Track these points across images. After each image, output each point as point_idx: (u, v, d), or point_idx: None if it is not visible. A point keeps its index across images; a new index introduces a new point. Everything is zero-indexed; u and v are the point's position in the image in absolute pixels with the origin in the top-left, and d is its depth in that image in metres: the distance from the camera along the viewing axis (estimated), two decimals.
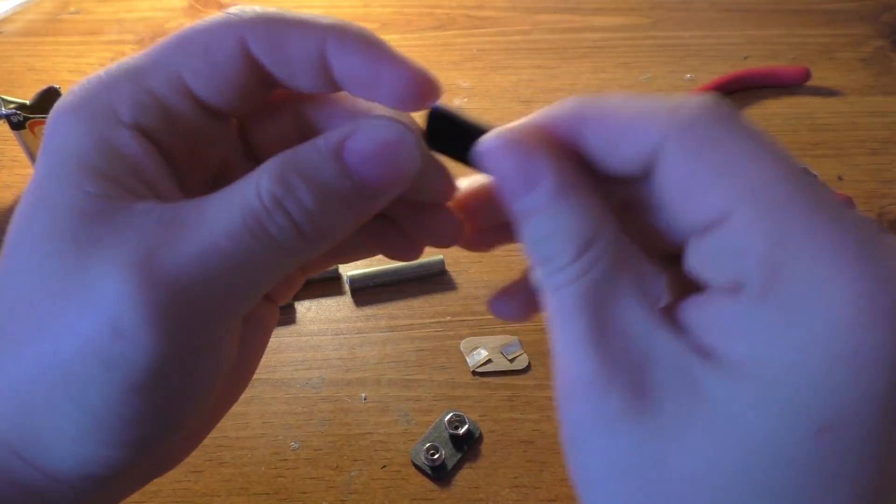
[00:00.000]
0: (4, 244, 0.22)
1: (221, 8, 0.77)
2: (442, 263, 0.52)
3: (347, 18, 0.22)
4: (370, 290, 0.52)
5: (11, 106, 0.53)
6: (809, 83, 0.68)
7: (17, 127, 0.53)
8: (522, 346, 0.48)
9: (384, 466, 0.42)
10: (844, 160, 0.62)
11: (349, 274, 0.52)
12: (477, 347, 0.48)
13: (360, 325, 0.50)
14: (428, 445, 0.43)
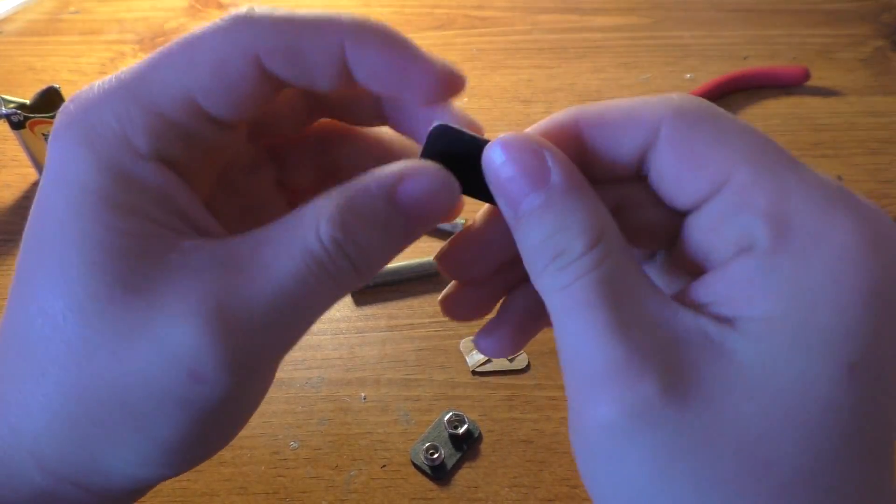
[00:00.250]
0: (17, 281, 0.21)
1: (221, 8, 0.77)
2: None
3: None
4: (370, 289, 0.52)
5: (11, 105, 0.53)
6: (809, 83, 0.68)
7: (17, 126, 0.53)
8: None
9: (384, 466, 0.43)
10: (844, 160, 0.62)
11: None
12: None
13: (359, 324, 0.50)
14: (427, 445, 0.43)
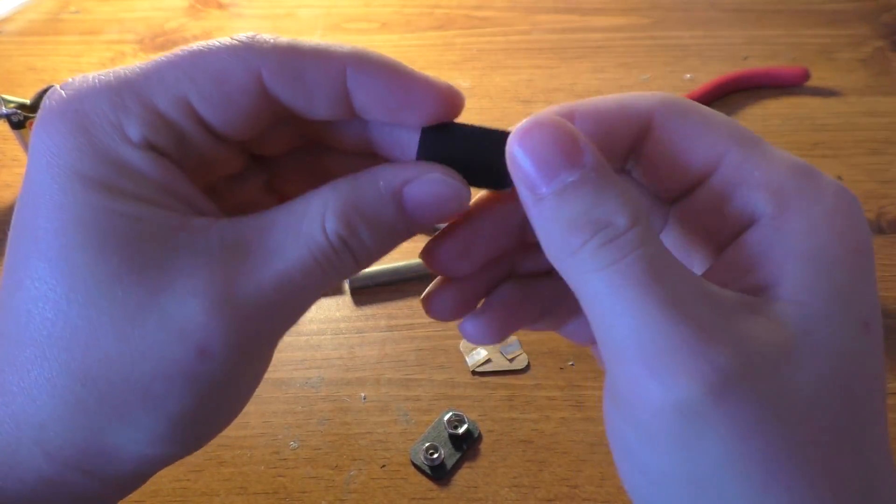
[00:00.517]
0: (10, 269, 0.21)
1: (222, 8, 0.77)
2: None
3: (347, 18, 0.22)
4: (370, 289, 0.52)
5: (12, 105, 0.53)
6: (809, 83, 0.68)
7: (17, 126, 0.53)
8: (522, 345, 0.48)
9: (383, 466, 0.43)
10: (843, 160, 0.62)
11: None
12: (476, 347, 0.48)
13: (359, 324, 0.50)
14: (427, 445, 0.43)
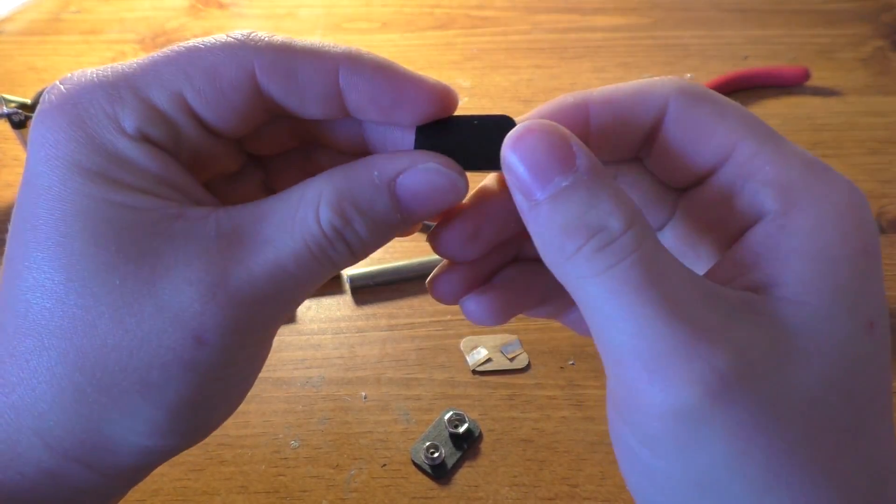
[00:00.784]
0: (9, 260, 0.21)
1: (222, 7, 0.77)
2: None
3: (347, 18, 0.22)
4: (370, 288, 0.52)
5: (12, 105, 0.53)
6: (809, 83, 0.69)
7: (18, 126, 0.53)
8: (522, 344, 0.48)
9: (384, 465, 0.43)
10: (844, 160, 0.62)
11: (349, 273, 0.52)
12: (477, 346, 0.48)
13: (360, 323, 0.50)
14: (428, 444, 0.43)
